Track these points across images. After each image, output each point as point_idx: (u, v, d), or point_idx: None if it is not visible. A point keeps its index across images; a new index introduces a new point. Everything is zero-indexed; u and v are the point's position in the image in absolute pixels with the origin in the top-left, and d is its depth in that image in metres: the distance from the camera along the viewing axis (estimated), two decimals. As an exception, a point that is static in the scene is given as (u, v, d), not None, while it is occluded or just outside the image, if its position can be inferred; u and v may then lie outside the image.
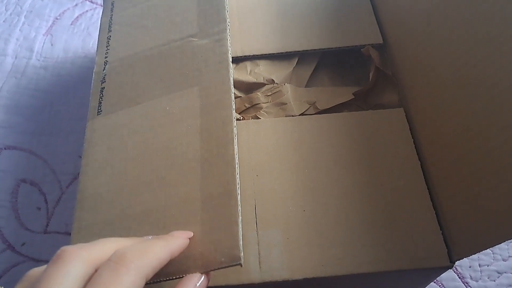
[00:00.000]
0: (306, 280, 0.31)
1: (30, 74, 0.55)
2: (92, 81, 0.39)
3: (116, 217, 0.31)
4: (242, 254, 0.27)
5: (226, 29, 0.37)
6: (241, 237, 0.28)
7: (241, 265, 0.27)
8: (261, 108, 0.38)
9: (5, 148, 0.50)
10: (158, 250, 0.24)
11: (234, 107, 0.33)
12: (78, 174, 0.34)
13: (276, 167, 0.35)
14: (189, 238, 0.28)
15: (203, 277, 0.26)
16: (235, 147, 0.31)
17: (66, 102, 0.53)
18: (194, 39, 0.37)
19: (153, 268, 0.23)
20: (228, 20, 0.38)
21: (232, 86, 0.34)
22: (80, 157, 0.35)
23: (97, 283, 0.20)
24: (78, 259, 0.21)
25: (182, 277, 0.27)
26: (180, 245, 0.27)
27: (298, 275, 0.31)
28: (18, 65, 0.56)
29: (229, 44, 0.36)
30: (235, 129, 0.32)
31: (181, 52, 0.37)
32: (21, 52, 0.57)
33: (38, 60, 0.56)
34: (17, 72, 0.55)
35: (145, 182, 0.32)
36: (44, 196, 0.47)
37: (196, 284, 0.26)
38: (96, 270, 0.21)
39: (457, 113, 0.32)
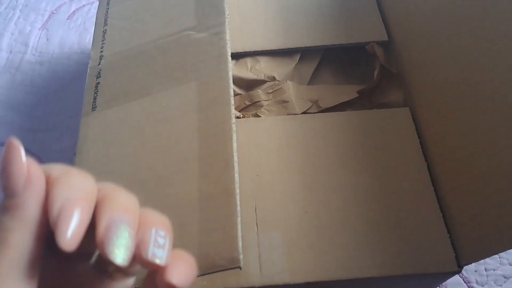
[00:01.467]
0: (308, 285, 0.30)
1: (25, 70, 0.54)
2: (87, 76, 0.38)
3: None
4: (242, 256, 0.26)
5: (224, 22, 0.36)
6: (241, 239, 0.27)
7: (240, 268, 0.26)
8: (262, 106, 0.37)
9: (-2, 145, 0.49)
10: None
11: (233, 103, 0.32)
12: (73, 172, 0.33)
13: (277, 167, 0.34)
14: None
15: None
16: (234, 144, 0.30)
17: (62, 98, 0.52)
18: (192, 33, 0.36)
19: None
20: (227, 12, 0.36)
21: (231, 82, 0.33)
22: (75, 154, 0.34)
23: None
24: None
25: None
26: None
27: (299, 279, 0.30)
28: (12, 60, 0.54)
29: (228, 37, 0.35)
30: (234, 126, 0.31)
31: (179, 46, 0.36)
32: (16, 46, 0.55)
33: (34, 55, 0.55)
34: (11, 67, 0.54)
35: (141, 181, 0.31)
36: (37, 195, 0.46)
37: None
38: None
39: (464, 113, 0.31)
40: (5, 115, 0.50)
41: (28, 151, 0.52)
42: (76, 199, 0.15)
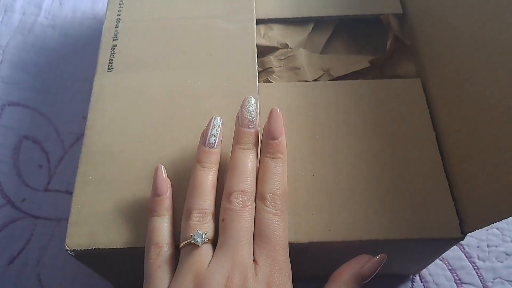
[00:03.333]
0: (311, 244, 0.30)
1: (37, 32, 0.54)
2: (102, 36, 0.38)
3: (129, 178, 0.31)
4: None
5: (253, 19, 0.38)
6: None
7: None
8: (273, 72, 0.37)
9: (8, 104, 0.49)
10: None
11: (258, 95, 0.34)
12: (82, 134, 0.33)
13: (286, 131, 0.34)
14: None
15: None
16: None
17: (73, 63, 0.52)
18: (220, 21, 0.38)
19: None
20: (254, 11, 0.39)
21: (257, 76, 0.35)
22: (85, 118, 0.34)
23: None
24: None
25: None
26: None
27: (304, 239, 0.30)
28: (25, 21, 0.55)
29: (255, 34, 0.37)
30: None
31: (207, 31, 0.37)
32: (29, 9, 0.55)
33: (46, 18, 0.55)
34: (24, 29, 0.54)
35: (164, 150, 0.32)
36: (46, 155, 0.46)
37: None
38: None
39: (477, 83, 0.31)
40: (17, 75, 0.51)
41: (37, 112, 0.52)
42: None
